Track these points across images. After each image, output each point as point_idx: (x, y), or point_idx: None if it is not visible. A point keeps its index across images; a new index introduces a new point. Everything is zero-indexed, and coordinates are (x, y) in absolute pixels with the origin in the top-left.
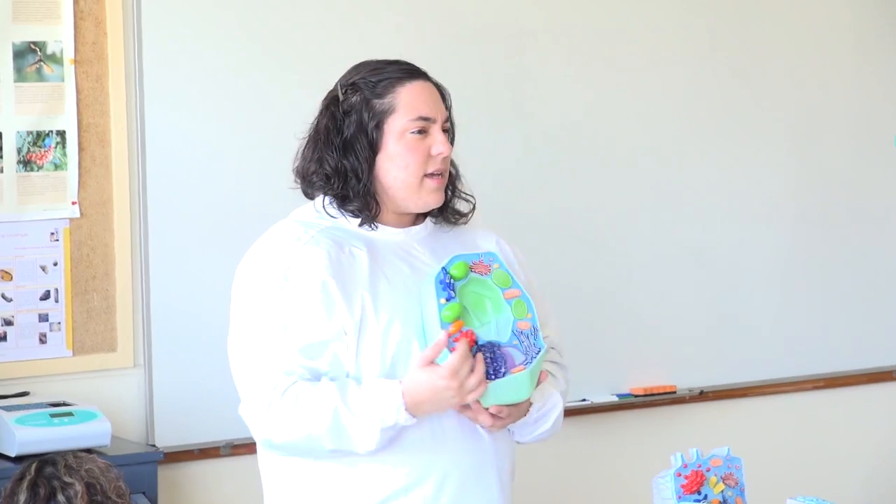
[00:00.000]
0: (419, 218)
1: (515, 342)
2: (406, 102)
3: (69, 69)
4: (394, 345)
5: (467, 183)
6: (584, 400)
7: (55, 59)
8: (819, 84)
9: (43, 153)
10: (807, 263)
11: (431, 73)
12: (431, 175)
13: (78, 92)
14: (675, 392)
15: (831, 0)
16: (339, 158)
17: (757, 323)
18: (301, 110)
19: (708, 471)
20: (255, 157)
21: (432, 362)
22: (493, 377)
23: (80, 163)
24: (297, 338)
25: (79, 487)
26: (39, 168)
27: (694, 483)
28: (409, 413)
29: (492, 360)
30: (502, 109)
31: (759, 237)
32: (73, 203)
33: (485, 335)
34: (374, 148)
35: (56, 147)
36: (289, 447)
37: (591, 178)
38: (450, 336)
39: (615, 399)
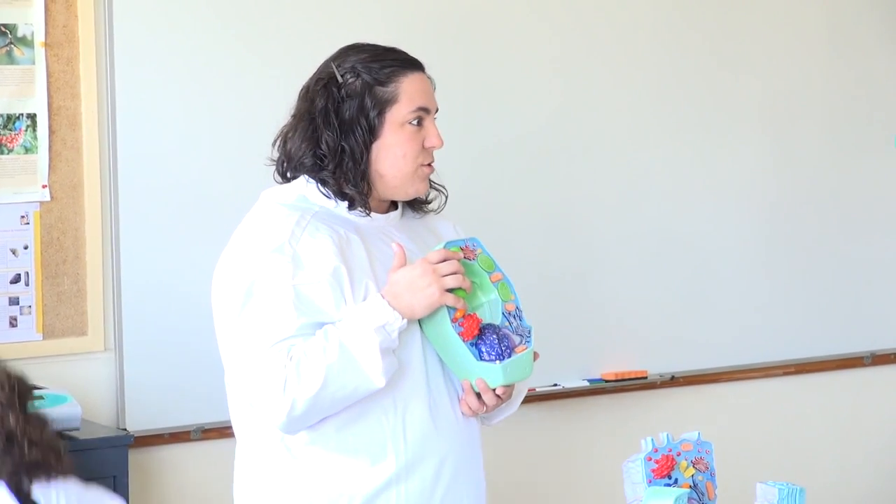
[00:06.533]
0: (392, 204)
1: (507, 324)
2: (408, 93)
3: (40, 52)
4: None
5: (438, 171)
6: (555, 385)
7: (26, 42)
8: (793, 72)
9: (13, 136)
10: (778, 250)
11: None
12: (424, 166)
13: (49, 75)
14: (646, 377)
15: None
16: (338, 140)
17: (728, 309)
18: (275, 93)
19: (678, 455)
20: (228, 141)
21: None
22: (501, 358)
23: (50, 146)
24: (306, 319)
25: None
26: (10, 151)
27: (664, 467)
28: (392, 308)
29: (499, 341)
30: (472, 96)
31: (732, 224)
32: (44, 186)
33: (482, 318)
34: (373, 134)
35: (27, 130)
36: (314, 406)
37: (563, 164)
38: (455, 321)
39: (586, 384)
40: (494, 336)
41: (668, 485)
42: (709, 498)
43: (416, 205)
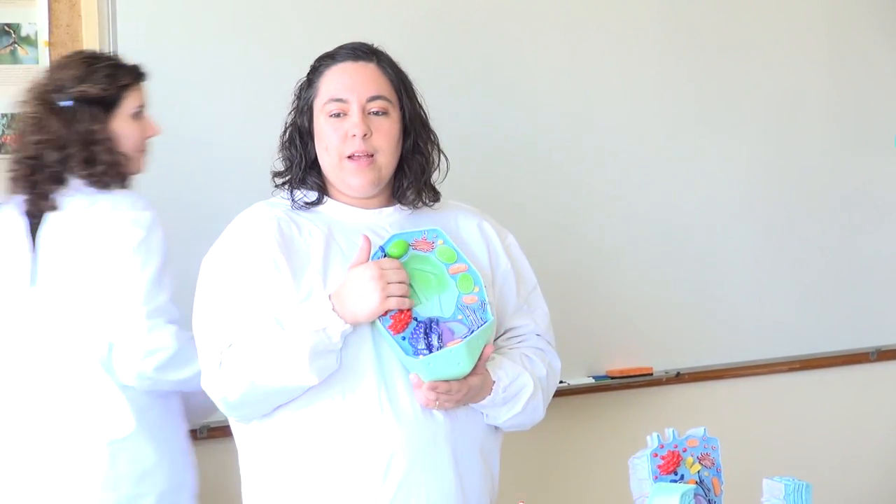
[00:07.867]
0: (389, 200)
1: (460, 317)
2: (326, 84)
3: (44, 51)
4: None
5: (439, 168)
6: (561, 382)
7: (29, 42)
8: (796, 71)
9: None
10: (783, 247)
11: (409, 59)
12: (350, 157)
13: None
14: (651, 374)
15: None
16: (288, 147)
17: (733, 305)
18: (279, 93)
19: (684, 451)
20: (232, 141)
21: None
22: (427, 352)
23: None
24: (248, 308)
25: None
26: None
27: (670, 463)
28: (335, 314)
29: (425, 334)
30: (481, 96)
31: (736, 220)
32: None
33: (426, 311)
34: (309, 132)
35: None
36: (249, 396)
37: (568, 162)
38: (385, 314)
39: (592, 381)
40: (422, 330)
41: (675, 481)
42: (715, 494)
43: (419, 200)
